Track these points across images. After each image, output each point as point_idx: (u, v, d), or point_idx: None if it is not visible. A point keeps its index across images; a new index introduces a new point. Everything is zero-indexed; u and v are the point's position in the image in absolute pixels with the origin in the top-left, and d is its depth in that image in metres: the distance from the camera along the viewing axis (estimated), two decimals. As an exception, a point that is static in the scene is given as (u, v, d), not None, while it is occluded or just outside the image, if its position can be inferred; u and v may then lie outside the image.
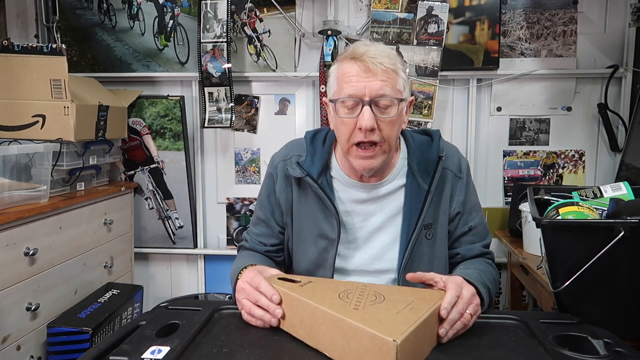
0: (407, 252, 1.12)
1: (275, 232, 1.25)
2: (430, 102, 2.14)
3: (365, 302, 0.83)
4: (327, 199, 1.14)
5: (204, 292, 2.42)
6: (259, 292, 0.92)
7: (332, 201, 1.14)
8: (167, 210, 2.37)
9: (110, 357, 0.76)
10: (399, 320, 0.76)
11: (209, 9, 2.15)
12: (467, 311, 0.88)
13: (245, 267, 1.09)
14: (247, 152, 2.35)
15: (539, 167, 2.23)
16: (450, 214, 1.18)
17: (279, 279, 0.97)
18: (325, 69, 2.14)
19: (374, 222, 1.17)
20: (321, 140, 1.22)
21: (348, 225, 1.17)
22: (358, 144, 1.07)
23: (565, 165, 2.22)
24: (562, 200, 1.14)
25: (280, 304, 0.89)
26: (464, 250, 1.20)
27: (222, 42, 2.15)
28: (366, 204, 1.17)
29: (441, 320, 0.85)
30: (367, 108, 1.03)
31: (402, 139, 1.23)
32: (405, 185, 1.16)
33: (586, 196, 1.22)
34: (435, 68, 2.11)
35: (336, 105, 1.08)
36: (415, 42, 2.12)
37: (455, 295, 0.88)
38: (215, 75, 2.17)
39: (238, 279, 1.04)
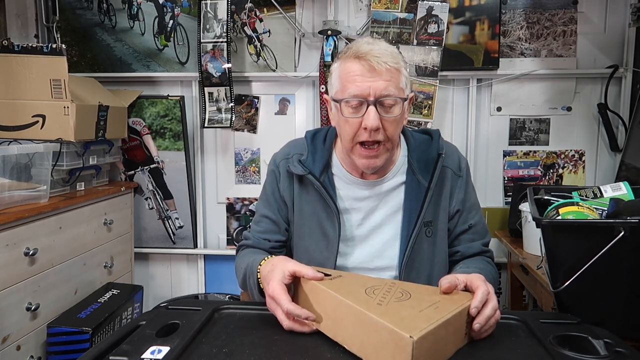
0: (407, 250, 1.13)
1: (282, 228, 1.25)
2: (430, 102, 2.14)
3: (390, 299, 0.83)
4: (328, 197, 1.15)
5: (204, 292, 2.42)
6: (284, 317, 0.89)
7: (334, 199, 1.15)
8: (167, 210, 2.37)
9: (110, 357, 0.76)
10: (420, 317, 0.76)
11: (209, 9, 2.15)
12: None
13: (260, 264, 1.03)
14: (247, 152, 2.35)
15: (539, 167, 2.23)
16: (450, 211, 1.19)
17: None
18: (325, 69, 2.14)
19: (374, 220, 1.18)
20: (322, 139, 1.23)
21: (348, 222, 1.18)
22: (362, 143, 1.08)
23: (565, 165, 2.22)
24: (562, 200, 1.14)
25: (309, 319, 0.87)
26: (464, 249, 1.21)
27: (222, 42, 2.14)
28: (367, 201, 1.18)
29: (473, 318, 0.83)
30: (372, 108, 1.04)
31: (402, 136, 1.24)
32: (406, 183, 1.17)
33: (586, 196, 1.22)
34: (435, 68, 2.11)
35: (340, 105, 1.08)
36: (415, 42, 2.12)
37: (486, 292, 0.86)
38: (215, 75, 2.17)
39: (259, 278, 1.02)
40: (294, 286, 0.94)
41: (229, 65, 2.16)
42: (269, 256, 1.06)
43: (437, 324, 0.74)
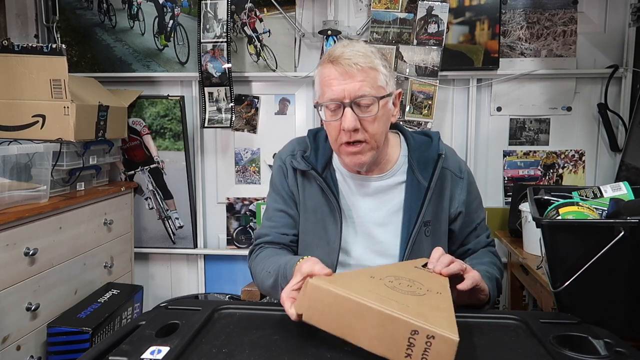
0: (407, 249, 1.14)
1: (297, 222, 1.25)
2: (430, 102, 2.14)
3: (400, 287, 0.82)
4: (330, 193, 1.16)
5: (204, 292, 2.42)
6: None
7: (335, 195, 1.17)
8: (167, 210, 2.37)
9: (110, 357, 0.76)
10: (358, 286, 0.77)
11: (209, 9, 2.15)
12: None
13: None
14: (247, 152, 2.35)
15: (539, 167, 2.23)
16: (450, 213, 1.20)
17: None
18: (325, 69, 2.14)
19: (375, 218, 1.19)
20: (323, 137, 1.25)
21: (350, 219, 1.19)
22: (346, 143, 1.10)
23: (565, 165, 2.22)
24: (562, 200, 1.14)
25: None
26: (474, 245, 1.25)
27: (222, 42, 2.14)
28: (368, 198, 1.19)
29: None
30: (348, 110, 1.06)
31: (402, 137, 1.25)
32: (406, 182, 1.19)
33: (586, 196, 1.22)
34: (435, 68, 2.11)
35: (320, 109, 1.11)
36: (415, 42, 2.12)
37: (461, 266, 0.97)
38: (215, 75, 2.17)
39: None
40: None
41: (229, 65, 2.15)
42: (303, 258, 1.03)
43: (345, 294, 0.73)
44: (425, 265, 0.97)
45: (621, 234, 0.93)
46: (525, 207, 1.85)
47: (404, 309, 0.70)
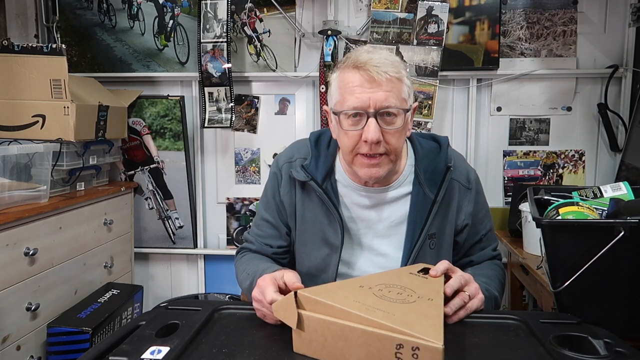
0: (409, 262, 1.11)
1: (282, 233, 1.22)
2: (430, 102, 2.14)
3: (391, 293, 0.83)
4: (331, 205, 1.12)
5: (204, 292, 2.42)
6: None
7: (336, 207, 1.13)
8: (167, 210, 2.37)
9: (110, 357, 0.76)
10: (346, 296, 0.78)
11: (209, 9, 2.15)
12: (466, 292, 0.93)
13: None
14: (247, 152, 2.35)
15: (539, 167, 2.23)
16: (457, 225, 1.17)
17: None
18: (325, 69, 2.14)
19: (378, 229, 1.15)
20: (325, 143, 1.19)
21: (352, 231, 1.16)
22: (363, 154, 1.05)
23: (565, 165, 2.22)
24: (562, 200, 1.14)
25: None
26: (477, 257, 1.21)
27: (222, 42, 2.14)
28: (371, 210, 1.15)
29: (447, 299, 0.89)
30: (372, 120, 1.01)
31: (409, 144, 1.20)
32: (412, 194, 1.14)
33: (586, 196, 1.22)
34: (435, 68, 2.11)
35: (340, 117, 1.05)
36: (415, 42, 2.12)
37: (461, 277, 0.94)
38: (215, 75, 2.17)
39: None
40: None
41: (229, 65, 2.15)
42: (279, 269, 1.04)
43: (326, 318, 0.73)
44: (421, 271, 0.96)
45: (621, 234, 0.93)
46: (525, 207, 1.85)
47: (389, 319, 0.71)
